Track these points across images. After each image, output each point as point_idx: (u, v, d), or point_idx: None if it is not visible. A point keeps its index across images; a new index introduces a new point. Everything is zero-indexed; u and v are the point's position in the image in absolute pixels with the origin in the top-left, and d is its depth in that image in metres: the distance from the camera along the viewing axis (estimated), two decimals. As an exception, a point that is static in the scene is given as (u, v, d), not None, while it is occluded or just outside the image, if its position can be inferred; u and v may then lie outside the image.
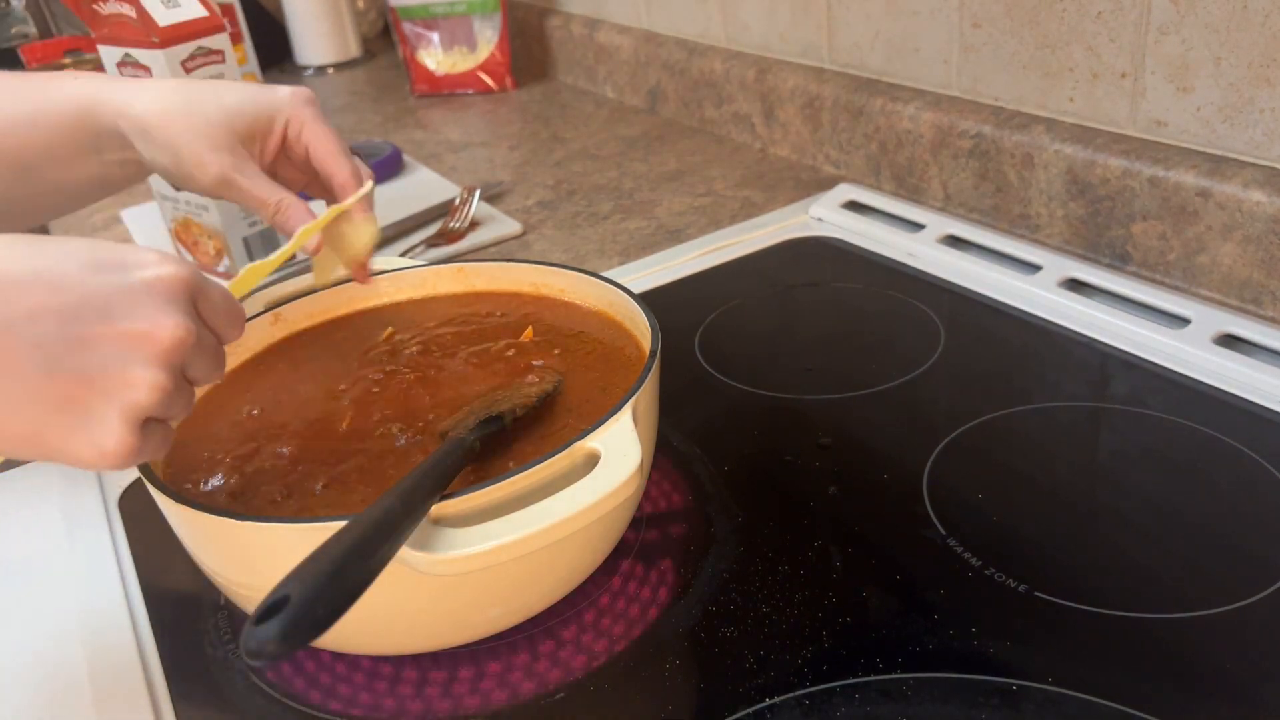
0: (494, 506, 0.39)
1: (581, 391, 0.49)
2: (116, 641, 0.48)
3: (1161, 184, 0.66)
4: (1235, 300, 0.65)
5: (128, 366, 0.36)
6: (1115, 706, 0.39)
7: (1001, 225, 0.79)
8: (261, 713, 0.44)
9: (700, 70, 1.09)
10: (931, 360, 0.64)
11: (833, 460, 0.55)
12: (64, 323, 0.35)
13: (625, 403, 0.42)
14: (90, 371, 0.35)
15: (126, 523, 0.57)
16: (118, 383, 0.36)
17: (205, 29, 0.76)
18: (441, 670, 0.45)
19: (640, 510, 0.52)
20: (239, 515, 0.41)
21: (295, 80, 1.56)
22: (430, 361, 0.53)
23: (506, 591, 0.44)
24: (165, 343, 0.36)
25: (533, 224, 0.92)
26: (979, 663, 0.42)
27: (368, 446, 0.47)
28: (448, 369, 0.52)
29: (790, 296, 0.76)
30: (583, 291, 0.57)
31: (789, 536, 0.50)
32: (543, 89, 1.37)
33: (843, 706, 0.41)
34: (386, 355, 0.55)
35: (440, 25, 1.34)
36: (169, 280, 0.37)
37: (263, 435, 0.49)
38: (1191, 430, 0.55)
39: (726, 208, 0.91)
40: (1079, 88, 0.72)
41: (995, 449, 0.56)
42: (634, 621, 0.47)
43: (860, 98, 0.88)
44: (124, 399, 0.36)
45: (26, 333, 0.34)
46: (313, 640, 0.31)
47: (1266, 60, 0.61)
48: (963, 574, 0.47)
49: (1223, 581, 0.45)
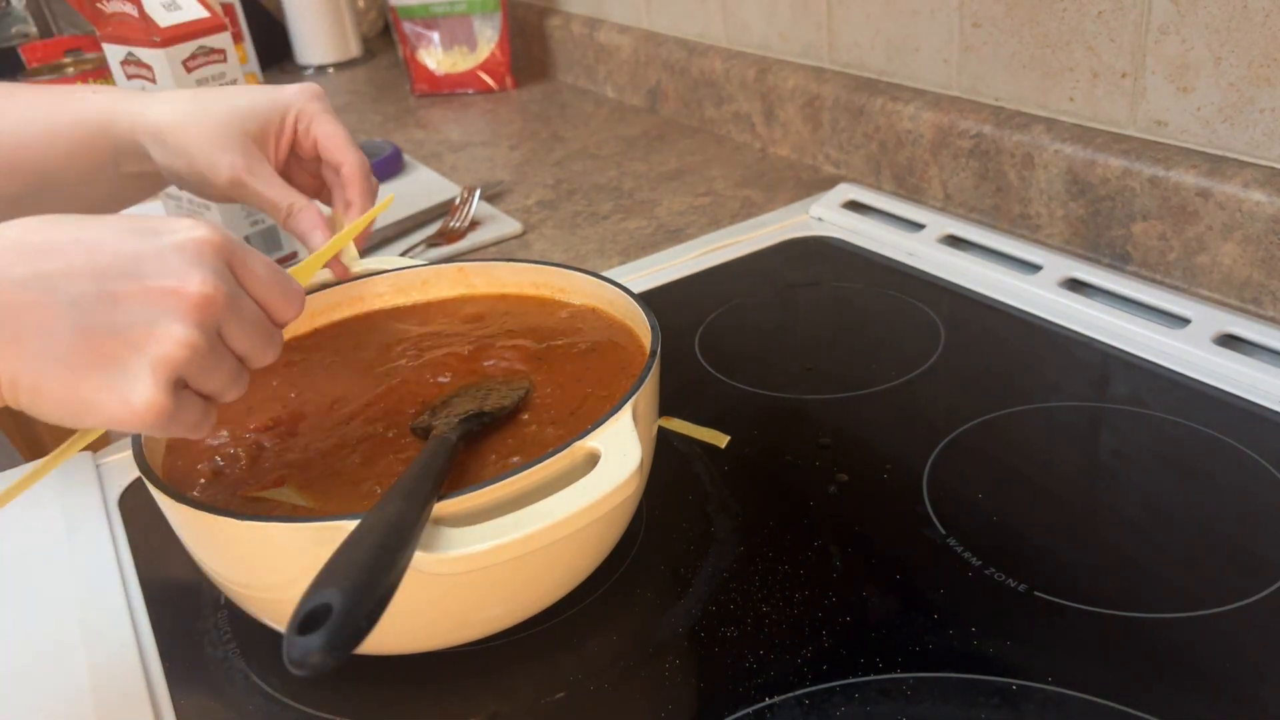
0: (494, 506, 0.39)
1: (574, 391, 0.50)
2: (116, 641, 0.48)
3: (1161, 184, 0.66)
4: (1235, 300, 0.65)
5: (156, 322, 0.37)
6: (1115, 706, 0.39)
7: (1001, 225, 0.79)
8: (261, 713, 0.44)
9: (700, 70, 1.09)
10: (931, 360, 0.64)
11: (833, 460, 0.55)
12: (97, 281, 0.36)
13: (625, 402, 0.42)
14: (120, 328, 0.36)
15: (126, 522, 0.57)
16: (146, 337, 0.37)
17: (206, 29, 0.76)
18: (441, 670, 0.45)
19: (640, 509, 0.52)
20: (239, 515, 0.41)
21: (295, 80, 1.55)
22: (425, 363, 0.53)
23: (506, 591, 0.44)
24: (192, 298, 0.37)
25: (533, 224, 0.92)
26: (979, 662, 0.42)
27: (363, 446, 0.47)
28: (440, 369, 0.52)
29: (790, 296, 0.76)
30: (583, 291, 0.57)
31: (789, 536, 0.50)
32: (543, 88, 1.37)
33: (843, 706, 0.41)
34: (384, 357, 0.55)
35: (440, 25, 1.34)
36: (199, 241, 0.39)
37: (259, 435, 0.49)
38: (1191, 430, 0.55)
39: (726, 207, 0.91)
40: (1079, 87, 0.72)
41: (995, 449, 0.56)
42: (634, 621, 0.47)
43: (860, 97, 0.88)
44: (153, 354, 0.37)
45: (63, 291, 0.36)
46: (354, 650, 0.31)
47: (1266, 60, 0.61)
48: (963, 574, 0.47)
49: (1223, 581, 0.45)
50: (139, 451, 0.44)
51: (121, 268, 0.37)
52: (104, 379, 0.36)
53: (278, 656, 0.31)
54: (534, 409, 0.48)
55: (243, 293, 0.40)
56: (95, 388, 0.36)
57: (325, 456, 0.47)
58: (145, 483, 0.42)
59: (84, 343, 0.36)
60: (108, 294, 0.36)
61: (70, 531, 0.56)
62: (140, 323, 0.37)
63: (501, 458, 0.45)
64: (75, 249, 0.37)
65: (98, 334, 0.36)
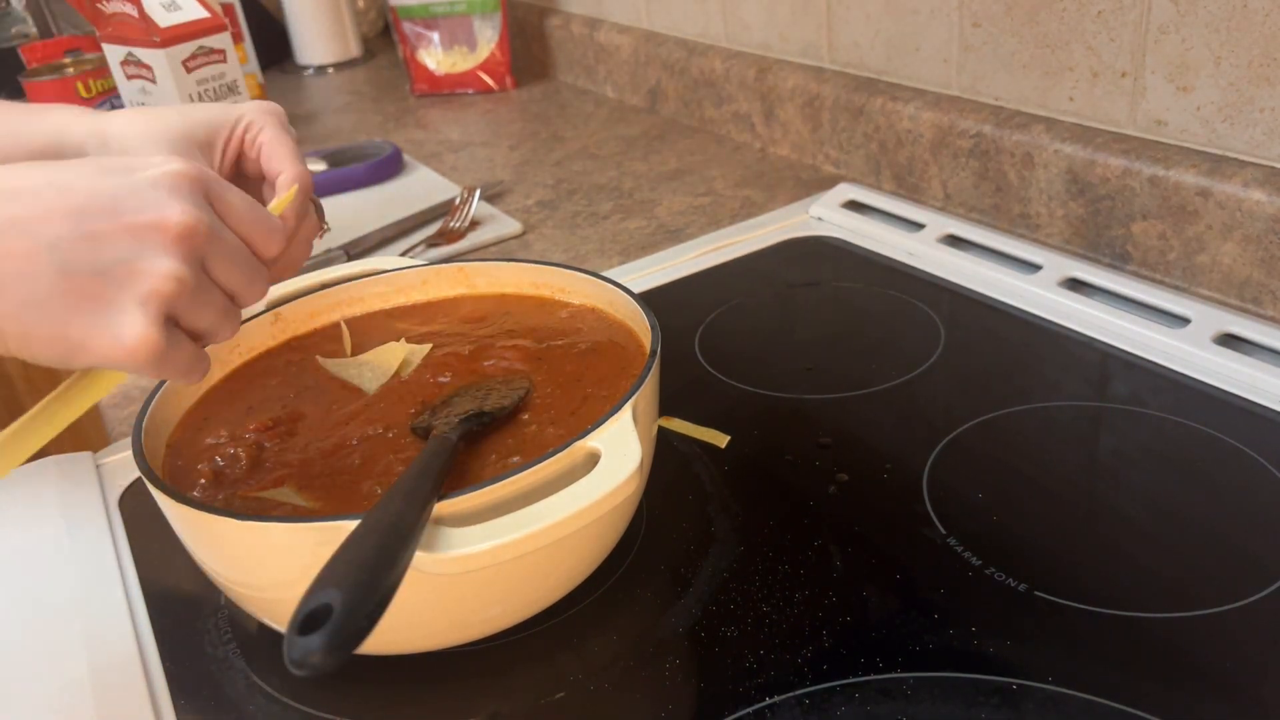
0: (494, 506, 0.39)
1: (574, 391, 0.50)
2: (116, 641, 0.48)
3: (1161, 183, 0.66)
4: (1235, 300, 0.65)
5: (140, 257, 0.37)
6: (1115, 706, 0.39)
7: (1001, 225, 0.79)
8: (261, 713, 0.44)
9: (700, 70, 1.09)
10: (931, 360, 0.64)
11: (833, 460, 0.55)
12: (75, 221, 0.36)
13: (625, 402, 0.42)
14: (104, 266, 0.36)
15: (126, 523, 0.57)
16: (131, 273, 0.37)
17: (206, 29, 0.76)
18: (441, 670, 0.45)
19: (640, 509, 0.52)
20: (239, 515, 0.41)
21: (296, 80, 1.56)
22: (425, 363, 0.53)
23: (506, 591, 0.44)
24: (174, 230, 0.37)
25: (533, 224, 0.92)
26: (979, 662, 0.42)
27: (363, 446, 0.47)
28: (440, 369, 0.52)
29: (790, 296, 0.76)
30: (583, 291, 0.57)
31: (789, 536, 0.50)
32: (543, 88, 1.37)
33: (843, 706, 0.41)
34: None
35: (440, 25, 1.34)
36: (174, 174, 0.38)
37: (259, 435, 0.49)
38: (1191, 430, 0.55)
39: (726, 207, 0.91)
40: (1079, 87, 0.72)
41: (995, 449, 0.56)
42: (634, 621, 0.47)
43: (860, 97, 0.88)
44: (139, 289, 0.37)
45: (41, 234, 0.36)
46: (355, 650, 0.31)
47: (1266, 59, 0.61)
48: (963, 573, 0.47)
49: (1223, 581, 0.45)
50: (139, 451, 0.44)
51: (98, 206, 0.37)
52: (92, 319, 0.36)
53: (278, 656, 0.31)
54: (534, 409, 0.48)
55: (223, 225, 0.40)
56: (85, 328, 0.36)
57: (325, 456, 0.47)
58: (145, 483, 0.42)
59: (68, 284, 0.36)
60: (87, 233, 0.36)
61: (70, 531, 0.56)
62: (123, 259, 0.37)
63: (501, 458, 0.45)
64: (49, 191, 0.36)
65: (81, 275, 0.36)
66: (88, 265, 0.36)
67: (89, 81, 1.08)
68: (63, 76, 1.09)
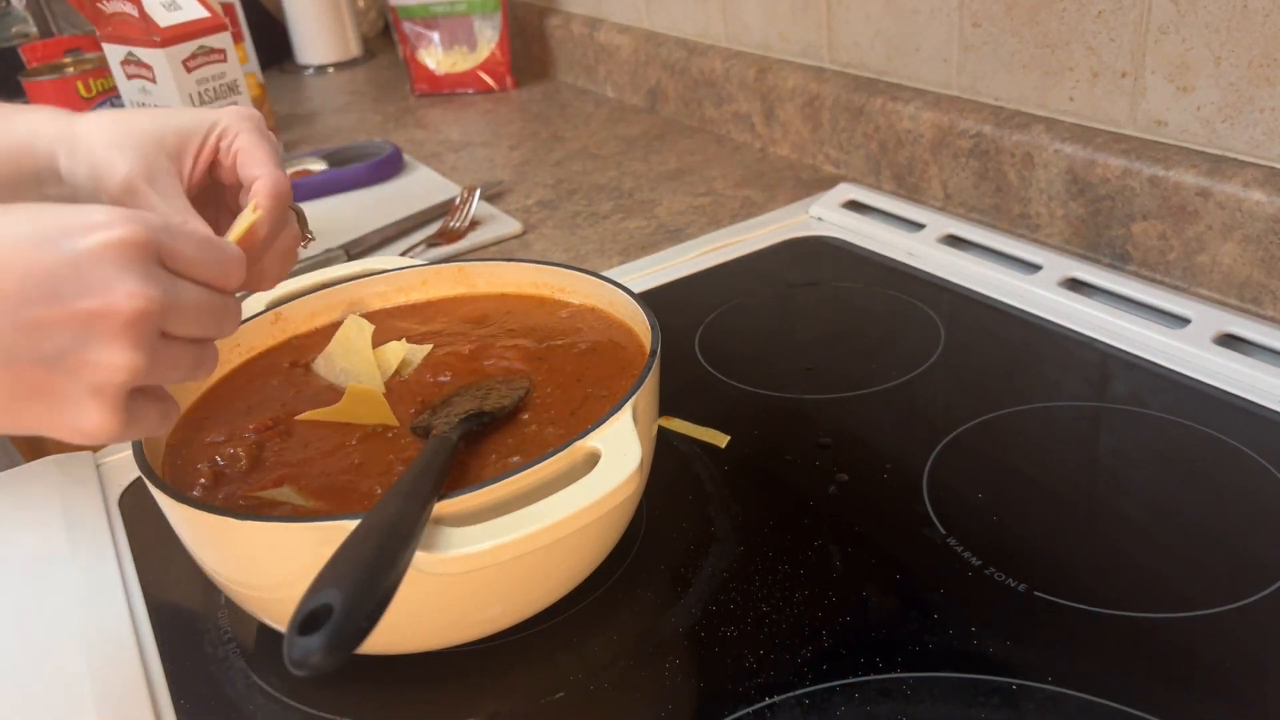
0: (494, 506, 0.39)
1: (574, 391, 0.50)
2: (116, 641, 0.48)
3: (1161, 183, 0.66)
4: (1235, 300, 0.65)
5: (87, 348, 0.33)
6: (1115, 706, 0.39)
7: (1001, 225, 0.79)
8: (261, 713, 0.44)
9: (700, 70, 1.09)
10: (931, 360, 0.64)
11: (833, 460, 0.55)
12: (14, 308, 0.33)
13: (625, 402, 0.42)
14: (50, 357, 0.33)
15: (126, 523, 0.57)
16: (81, 364, 0.34)
17: (206, 29, 0.76)
18: (441, 670, 0.45)
19: (640, 509, 0.52)
20: (239, 515, 0.41)
21: (296, 79, 1.56)
22: (425, 363, 0.53)
23: (507, 591, 0.44)
24: (124, 316, 0.34)
25: (533, 224, 0.92)
26: (979, 662, 0.42)
27: (362, 446, 0.47)
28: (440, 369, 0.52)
29: (790, 296, 0.76)
30: (583, 291, 0.57)
31: (789, 536, 0.50)
32: (543, 88, 1.37)
33: (842, 706, 0.41)
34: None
35: (440, 25, 1.34)
36: (118, 244, 0.34)
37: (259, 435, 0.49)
38: (1191, 430, 0.55)
39: (726, 207, 0.91)
40: (1079, 87, 0.72)
41: (995, 449, 0.56)
42: (634, 621, 0.47)
43: (860, 97, 0.88)
44: (91, 380, 0.34)
45: None
46: (355, 650, 0.31)
47: (1266, 60, 0.61)
48: (963, 574, 0.47)
49: (1223, 581, 0.45)
50: (139, 451, 0.44)
51: (36, 291, 0.33)
52: (45, 409, 0.34)
53: (278, 656, 0.31)
54: (534, 409, 0.48)
55: (180, 282, 0.36)
56: (37, 417, 0.34)
57: (325, 456, 0.47)
58: (145, 483, 0.42)
59: (12, 377, 0.33)
60: (27, 322, 0.33)
61: (70, 531, 0.56)
62: (71, 350, 0.33)
63: (501, 457, 0.45)
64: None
65: (25, 367, 0.33)
66: (31, 357, 0.33)
67: (89, 81, 1.08)
68: (63, 76, 1.09)
